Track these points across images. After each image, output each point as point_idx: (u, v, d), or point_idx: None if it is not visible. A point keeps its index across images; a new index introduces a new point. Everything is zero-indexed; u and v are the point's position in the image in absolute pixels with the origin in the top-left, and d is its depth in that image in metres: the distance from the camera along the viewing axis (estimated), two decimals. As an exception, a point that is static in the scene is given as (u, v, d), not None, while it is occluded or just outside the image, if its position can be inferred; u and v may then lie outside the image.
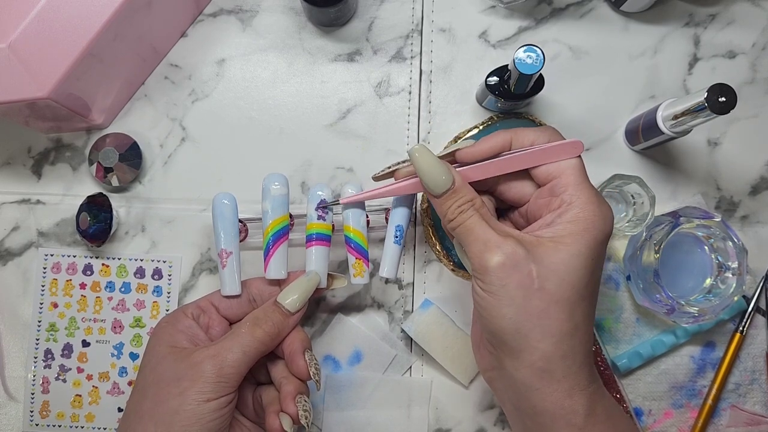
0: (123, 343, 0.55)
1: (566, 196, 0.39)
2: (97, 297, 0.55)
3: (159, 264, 0.55)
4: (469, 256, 0.39)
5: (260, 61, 0.57)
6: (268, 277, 0.48)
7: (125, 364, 0.54)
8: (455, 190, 0.40)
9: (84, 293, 0.55)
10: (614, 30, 0.58)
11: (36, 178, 0.56)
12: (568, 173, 0.40)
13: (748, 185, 0.57)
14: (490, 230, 0.38)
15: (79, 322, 0.55)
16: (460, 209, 0.39)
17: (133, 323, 0.55)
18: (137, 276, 0.55)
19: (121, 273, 0.55)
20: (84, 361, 0.54)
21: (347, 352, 0.55)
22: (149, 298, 0.55)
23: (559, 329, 0.37)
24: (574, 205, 0.38)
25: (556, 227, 0.38)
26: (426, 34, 0.58)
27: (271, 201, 0.47)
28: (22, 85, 0.46)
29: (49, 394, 0.54)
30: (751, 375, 0.56)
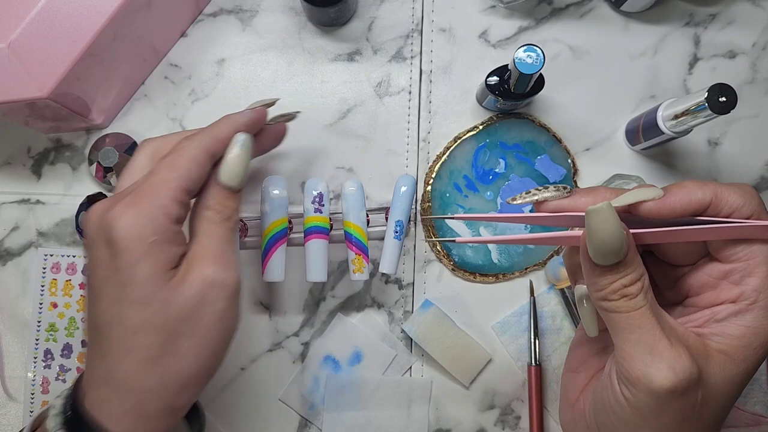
0: None
1: (750, 292, 0.31)
2: None
3: None
4: (622, 354, 0.31)
5: (260, 60, 0.57)
6: (266, 280, 0.48)
7: None
8: (625, 264, 0.31)
9: (84, 293, 0.54)
10: (614, 30, 0.58)
11: (36, 178, 0.56)
12: (760, 263, 0.31)
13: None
14: (659, 333, 0.30)
15: (79, 323, 0.54)
16: (624, 293, 0.31)
17: None
18: None
19: None
20: (84, 361, 0.54)
21: (347, 352, 0.55)
22: None
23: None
24: (759, 308, 0.31)
25: (729, 330, 0.31)
26: (426, 33, 0.58)
27: (270, 203, 0.48)
28: (21, 85, 0.46)
29: (49, 395, 0.54)
30: (751, 375, 0.56)
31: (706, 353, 0.31)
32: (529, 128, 0.56)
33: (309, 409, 0.54)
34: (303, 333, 0.55)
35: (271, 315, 0.55)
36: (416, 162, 0.56)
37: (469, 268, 0.55)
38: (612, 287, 0.31)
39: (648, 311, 0.30)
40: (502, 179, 0.55)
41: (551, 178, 0.55)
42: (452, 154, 0.56)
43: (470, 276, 0.55)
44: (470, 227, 0.55)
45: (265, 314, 0.55)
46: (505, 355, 0.55)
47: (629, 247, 0.31)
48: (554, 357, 0.55)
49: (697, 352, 0.30)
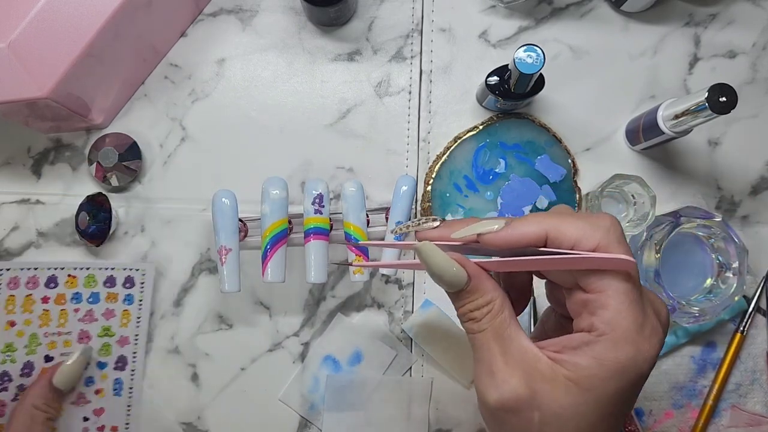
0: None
1: (600, 324, 0.31)
2: (62, 309, 0.52)
3: (131, 272, 0.53)
4: (473, 369, 0.34)
5: (260, 60, 0.57)
6: (266, 281, 0.48)
7: (92, 373, 0.53)
8: (469, 291, 0.33)
9: (47, 307, 0.52)
10: (614, 30, 0.58)
11: (35, 178, 0.56)
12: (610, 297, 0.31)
13: (748, 185, 0.57)
14: (498, 354, 0.32)
15: (41, 338, 0.52)
16: (470, 317, 0.34)
17: (101, 332, 0.53)
18: (107, 285, 0.53)
19: (89, 283, 0.53)
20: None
21: (347, 352, 0.55)
22: (119, 307, 0.53)
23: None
24: (606, 341, 0.31)
25: (578, 358, 0.31)
26: (426, 33, 0.58)
27: (270, 204, 0.48)
28: (21, 85, 0.46)
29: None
30: (751, 375, 0.56)
31: (552, 377, 0.32)
32: (529, 128, 0.56)
33: (309, 409, 0.54)
34: (303, 333, 0.55)
35: (271, 315, 0.55)
36: (416, 162, 0.56)
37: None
38: (460, 311, 0.34)
39: (490, 334, 0.33)
40: (502, 179, 0.55)
41: (551, 177, 0.55)
42: (452, 154, 0.56)
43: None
44: (470, 227, 0.55)
45: (265, 314, 0.55)
46: (505, 355, 0.55)
47: (472, 276, 0.33)
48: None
49: (541, 375, 0.32)
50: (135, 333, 0.53)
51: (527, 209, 0.55)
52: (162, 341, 0.54)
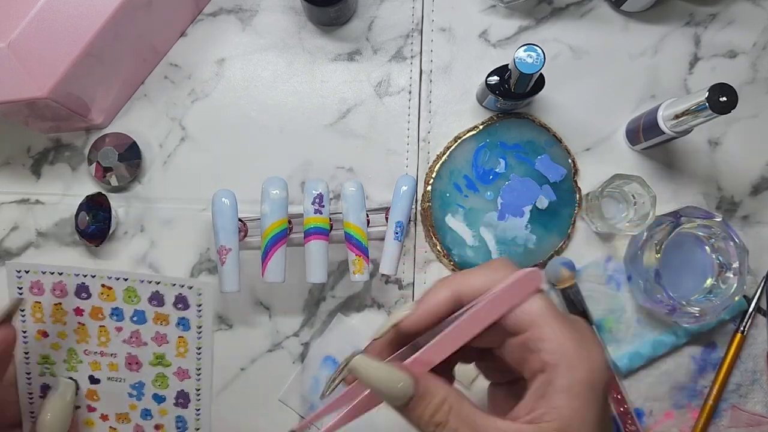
0: (143, 382, 0.46)
1: (548, 357, 0.31)
2: (100, 326, 0.46)
3: (183, 290, 0.45)
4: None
5: (260, 60, 0.57)
6: (266, 281, 0.48)
7: (148, 406, 0.46)
8: (420, 397, 0.31)
9: (81, 320, 0.46)
10: (614, 30, 0.58)
11: (35, 177, 0.56)
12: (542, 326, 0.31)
13: (748, 185, 0.57)
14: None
15: (81, 355, 0.46)
16: (435, 421, 0.31)
17: (153, 360, 0.46)
18: (154, 303, 0.46)
19: (130, 298, 0.46)
20: (95, 399, 0.47)
21: (347, 352, 0.54)
22: (173, 332, 0.46)
23: None
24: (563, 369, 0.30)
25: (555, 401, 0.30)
26: (426, 33, 0.58)
27: (270, 204, 0.48)
28: (21, 85, 0.46)
29: None
30: (752, 375, 0.56)
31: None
32: (529, 128, 0.56)
33: (309, 409, 0.54)
34: (303, 333, 0.55)
35: (271, 315, 0.55)
36: (416, 162, 0.56)
37: (469, 268, 0.55)
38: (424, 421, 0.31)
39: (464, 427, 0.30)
40: (502, 179, 0.55)
41: (551, 177, 0.55)
42: (452, 154, 0.56)
43: (470, 276, 0.55)
44: (471, 228, 0.55)
45: (265, 314, 0.55)
46: (505, 356, 0.55)
47: (417, 378, 0.31)
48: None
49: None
50: (196, 367, 0.46)
51: (527, 209, 0.55)
52: (162, 341, 0.54)
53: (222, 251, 0.48)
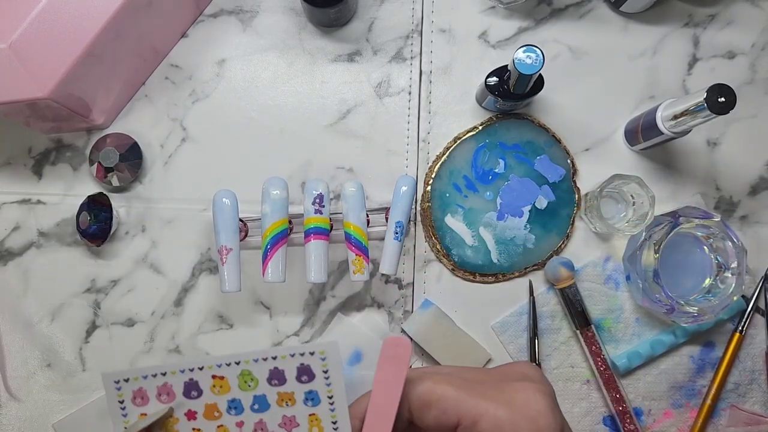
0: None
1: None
2: (218, 426, 0.37)
3: (304, 358, 0.37)
4: None
5: (260, 61, 0.57)
6: (267, 281, 0.48)
7: None
8: None
9: (196, 425, 0.37)
10: (614, 30, 0.58)
11: (36, 178, 0.56)
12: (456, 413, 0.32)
13: (747, 185, 0.57)
14: None
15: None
16: None
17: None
18: (274, 383, 0.37)
19: (246, 383, 0.37)
20: None
21: (347, 352, 0.55)
22: (302, 412, 0.37)
23: None
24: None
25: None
26: (426, 34, 0.58)
27: (271, 204, 0.48)
28: (22, 86, 0.46)
29: None
30: (750, 375, 0.56)
31: None
32: (528, 128, 0.56)
33: (309, 409, 0.54)
34: (303, 333, 0.55)
35: (271, 315, 0.55)
36: (416, 162, 0.57)
37: (468, 268, 0.55)
38: None
39: None
40: (502, 179, 0.55)
41: (551, 178, 0.55)
42: (452, 155, 0.56)
43: (470, 276, 0.55)
44: (470, 228, 0.55)
45: (265, 314, 0.55)
46: (504, 355, 0.55)
47: None
48: (553, 356, 0.55)
49: None
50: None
51: (526, 209, 0.55)
52: (163, 341, 0.55)
53: (223, 251, 0.48)
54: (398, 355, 0.33)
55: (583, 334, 0.54)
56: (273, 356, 0.37)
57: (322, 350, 0.37)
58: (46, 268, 0.55)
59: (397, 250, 0.49)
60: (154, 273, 0.55)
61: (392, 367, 0.33)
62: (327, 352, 0.37)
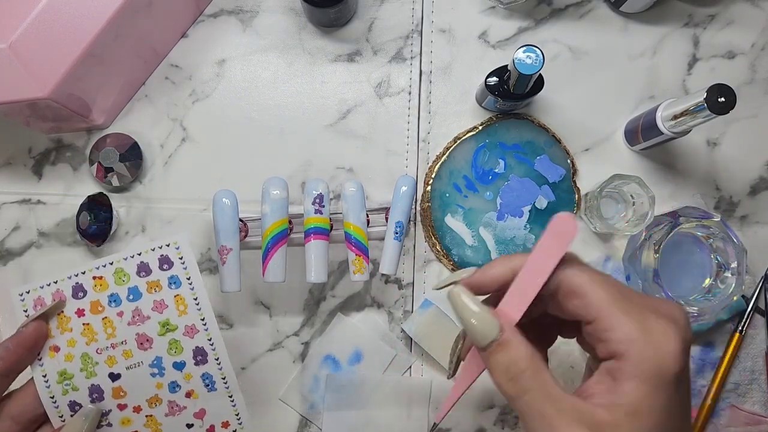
0: (159, 356, 0.45)
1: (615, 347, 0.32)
2: (103, 318, 0.45)
3: (162, 250, 0.45)
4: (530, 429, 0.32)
5: (260, 61, 0.57)
6: (267, 281, 0.48)
7: (172, 377, 0.45)
8: (501, 344, 0.33)
9: (85, 320, 0.44)
10: (614, 30, 0.58)
11: (36, 178, 0.56)
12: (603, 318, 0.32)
13: (747, 185, 0.57)
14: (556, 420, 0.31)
15: (95, 356, 0.44)
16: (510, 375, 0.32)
17: (161, 330, 0.45)
18: (142, 275, 0.45)
19: (121, 279, 0.45)
20: (122, 395, 0.45)
21: (347, 352, 0.55)
22: (168, 294, 0.45)
23: None
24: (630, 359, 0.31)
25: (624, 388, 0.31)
26: (426, 34, 0.58)
27: (271, 204, 0.48)
28: (22, 86, 0.46)
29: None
30: (750, 375, 0.56)
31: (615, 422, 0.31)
32: (528, 129, 0.56)
33: (309, 409, 0.55)
34: (303, 333, 0.55)
35: (271, 315, 0.55)
36: (416, 162, 0.57)
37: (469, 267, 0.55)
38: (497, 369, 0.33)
39: (539, 395, 0.32)
40: (502, 179, 0.56)
41: (550, 178, 0.55)
42: (452, 155, 0.56)
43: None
44: (470, 228, 0.55)
45: (265, 314, 0.55)
46: (504, 355, 0.55)
47: (504, 327, 0.33)
48: (553, 356, 0.55)
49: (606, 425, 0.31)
50: (201, 318, 0.45)
51: (526, 209, 0.55)
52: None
53: (223, 251, 0.48)
54: (563, 233, 0.34)
55: (583, 334, 0.54)
56: (138, 252, 0.45)
57: (176, 241, 0.45)
58: (46, 269, 0.55)
59: (398, 250, 0.49)
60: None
61: (553, 244, 0.34)
62: (179, 242, 0.45)
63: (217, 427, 0.47)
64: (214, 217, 0.48)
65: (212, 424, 0.47)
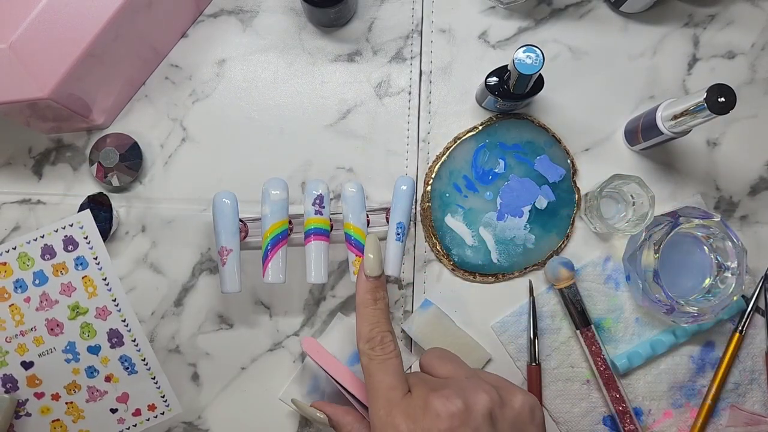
0: (72, 341, 0.44)
1: None
2: (10, 305, 0.44)
3: (66, 231, 0.44)
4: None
5: (260, 61, 0.57)
6: (267, 282, 0.48)
7: (89, 362, 0.44)
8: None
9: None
10: (614, 30, 0.58)
11: (36, 178, 0.56)
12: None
13: (747, 185, 0.57)
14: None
15: (4, 345, 0.43)
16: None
17: (71, 314, 0.44)
18: (47, 258, 0.44)
19: (25, 264, 0.44)
20: (37, 383, 0.44)
21: (347, 352, 0.55)
22: (75, 276, 0.44)
23: None
24: None
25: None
26: (426, 34, 0.58)
27: (271, 205, 0.48)
28: (22, 86, 0.46)
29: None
30: (750, 375, 0.56)
31: None
32: (528, 128, 0.56)
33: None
34: (303, 333, 0.55)
35: (271, 315, 0.55)
36: (416, 162, 0.57)
37: (468, 267, 0.55)
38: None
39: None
40: (502, 179, 0.56)
41: (551, 178, 0.55)
42: (452, 155, 0.56)
43: (470, 276, 0.55)
44: (470, 228, 0.55)
45: (265, 314, 0.55)
46: (504, 355, 0.55)
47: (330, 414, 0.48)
48: (553, 356, 0.55)
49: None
50: (112, 299, 0.44)
51: (526, 209, 0.55)
52: (163, 341, 0.55)
53: (223, 252, 0.48)
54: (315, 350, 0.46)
55: (582, 334, 0.54)
56: (41, 235, 0.43)
57: (79, 220, 0.43)
58: (46, 268, 0.55)
59: (400, 251, 0.49)
60: (154, 273, 0.55)
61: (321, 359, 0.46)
62: (83, 221, 0.43)
63: (143, 410, 0.46)
64: (214, 218, 0.48)
65: (137, 407, 0.46)
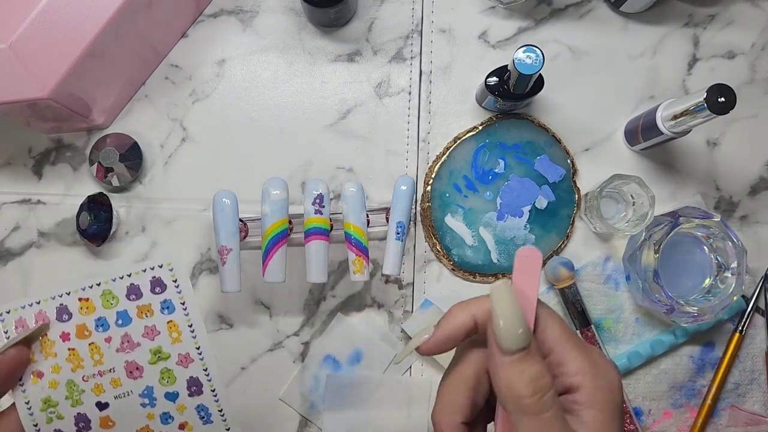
0: (150, 386, 0.42)
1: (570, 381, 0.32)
2: (90, 344, 0.42)
3: (155, 272, 0.42)
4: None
5: (260, 61, 0.57)
6: (267, 281, 0.48)
7: (165, 408, 0.43)
8: (531, 353, 0.30)
9: (71, 345, 0.42)
10: (614, 30, 0.58)
11: (36, 178, 0.56)
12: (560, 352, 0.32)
13: (747, 185, 0.57)
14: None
15: (81, 383, 0.42)
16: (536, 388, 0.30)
17: (152, 359, 0.42)
18: (132, 298, 0.42)
19: (108, 302, 0.42)
20: (110, 425, 0.43)
21: (347, 352, 0.55)
22: (160, 320, 0.42)
23: None
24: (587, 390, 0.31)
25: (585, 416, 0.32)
26: (426, 34, 0.58)
27: (271, 205, 0.48)
28: (22, 86, 0.46)
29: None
30: (750, 375, 0.56)
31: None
32: (528, 128, 0.56)
33: (309, 409, 0.55)
34: (303, 332, 0.55)
35: (271, 315, 0.55)
36: (416, 162, 0.57)
37: (468, 267, 0.55)
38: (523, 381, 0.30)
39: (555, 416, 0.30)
40: (502, 179, 0.56)
41: (551, 178, 0.55)
42: (452, 155, 0.56)
43: (470, 276, 0.55)
44: (470, 228, 0.55)
45: (265, 314, 0.55)
46: (504, 355, 0.55)
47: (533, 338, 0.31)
48: (554, 357, 0.55)
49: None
50: (195, 347, 0.42)
51: (526, 209, 0.55)
52: (162, 341, 0.55)
53: (223, 251, 0.48)
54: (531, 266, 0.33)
55: (583, 334, 0.54)
56: (128, 274, 0.42)
57: (169, 262, 0.42)
58: (46, 269, 0.55)
59: (399, 251, 0.49)
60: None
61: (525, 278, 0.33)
62: (173, 263, 0.42)
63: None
64: (214, 218, 0.48)
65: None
